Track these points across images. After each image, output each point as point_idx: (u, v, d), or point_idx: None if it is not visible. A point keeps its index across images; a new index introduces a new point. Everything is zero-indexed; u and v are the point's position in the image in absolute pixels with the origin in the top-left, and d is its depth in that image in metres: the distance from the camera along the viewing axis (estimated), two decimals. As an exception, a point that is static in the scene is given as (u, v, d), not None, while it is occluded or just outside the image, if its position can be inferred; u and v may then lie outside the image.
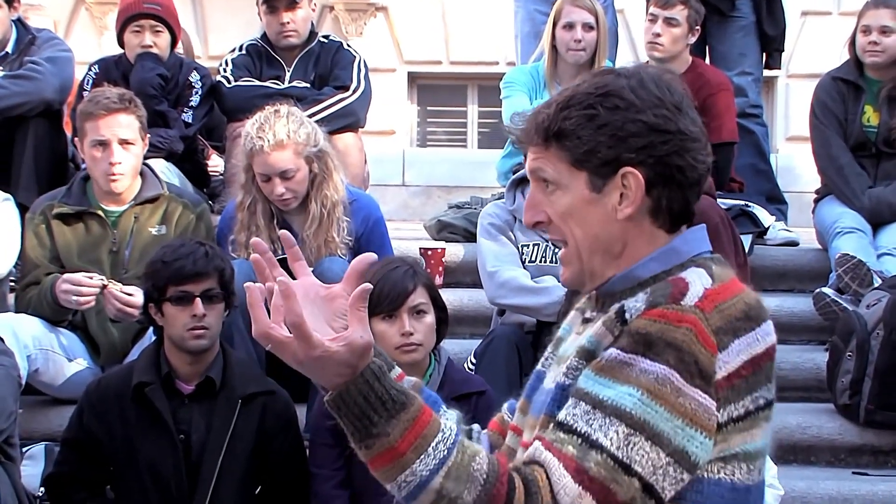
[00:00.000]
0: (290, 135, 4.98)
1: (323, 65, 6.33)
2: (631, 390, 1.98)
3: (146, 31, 6.19)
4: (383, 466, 1.98)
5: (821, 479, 5.11)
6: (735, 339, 2.02)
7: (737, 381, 2.01)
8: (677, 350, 1.98)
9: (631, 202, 2.10)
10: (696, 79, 6.36)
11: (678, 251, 2.13)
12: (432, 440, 1.97)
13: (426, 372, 4.22)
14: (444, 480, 1.95)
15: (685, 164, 2.11)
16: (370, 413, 1.96)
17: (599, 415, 1.98)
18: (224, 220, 5.31)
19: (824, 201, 6.38)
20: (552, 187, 2.14)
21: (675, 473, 1.98)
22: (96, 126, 5.09)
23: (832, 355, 5.43)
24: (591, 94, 2.10)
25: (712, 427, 1.99)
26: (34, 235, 5.18)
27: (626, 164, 2.09)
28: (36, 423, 5.09)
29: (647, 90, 2.11)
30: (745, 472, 2.05)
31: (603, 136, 2.08)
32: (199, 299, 4.31)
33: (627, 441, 1.96)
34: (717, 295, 2.05)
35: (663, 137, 2.09)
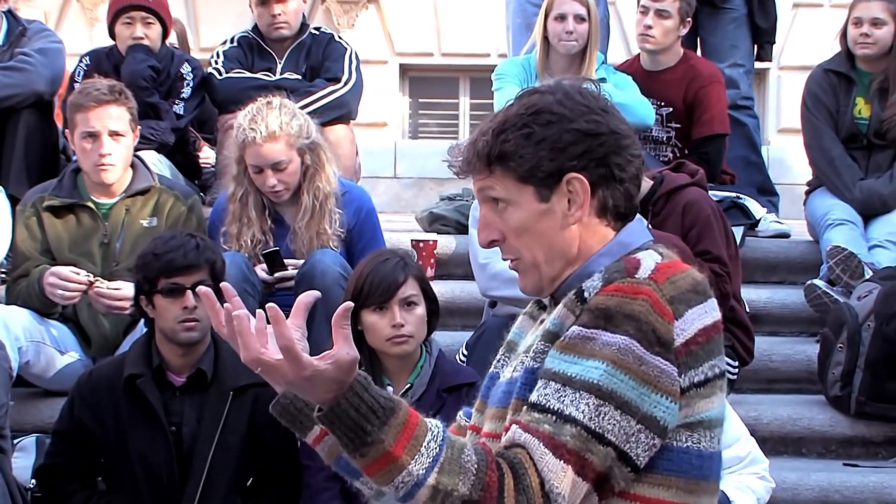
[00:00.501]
0: (283, 126, 4.98)
1: (314, 57, 6.32)
2: (596, 363, 2.08)
3: (137, 22, 6.18)
4: (380, 471, 2.05)
5: (812, 471, 5.12)
6: (689, 308, 2.13)
7: (694, 347, 2.12)
8: (635, 321, 2.09)
9: (579, 205, 2.22)
10: (687, 71, 6.37)
11: (624, 243, 2.25)
12: (423, 440, 2.05)
13: (417, 364, 4.22)
14: (439, 476, 2.03)
15: (622, 161, 2.23)
16: (363, 423, 2.03)
17: (569, 391, 2.08)
18: (216, 212, 5.31)
19: (815, 193, 6.39)
20: (503, 205, 2.25)
21: (647, 439, 2.08)
22: (86, 118, 5.08)
23: (823, 347, 5.44)
24: (522, 115, 2.23)
25: (676, 391, 2.10)
26: (25, 228, 5.17)
27: (569, 171, 2.21)
28: (27, 415, 5.09)
29: (574, 100, 2.23)
30: (709, 439, 2.16)
31: (543, 151, 2.21)
32: (189, 291, 4.30)
33: (598, 412, 2.06)
34: (668, 268, 2.17)
35: (599, 140, 2.21)
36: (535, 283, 2.28)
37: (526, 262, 2.27)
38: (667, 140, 6.43)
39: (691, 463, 2.14)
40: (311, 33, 6.39)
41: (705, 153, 6.30)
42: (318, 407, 2.07)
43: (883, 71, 6.26)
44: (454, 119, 11.25)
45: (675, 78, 6.35)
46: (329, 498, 4.24)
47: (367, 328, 4.13)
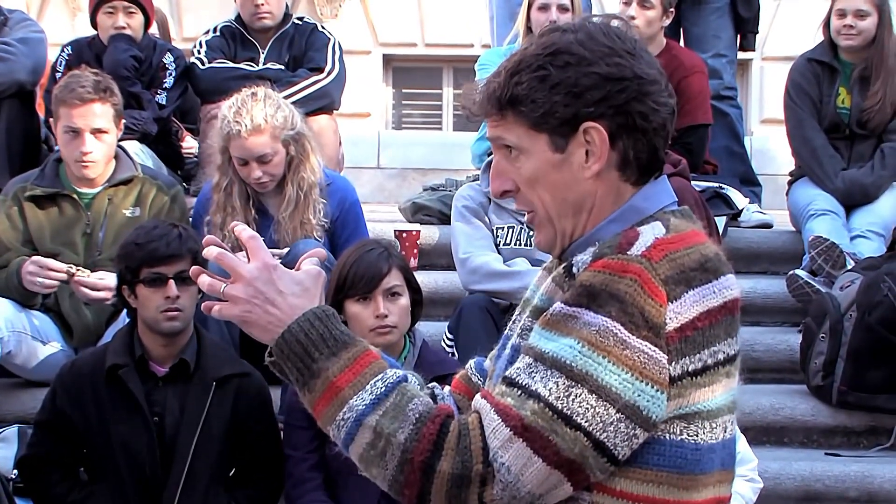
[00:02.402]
0: (268, 119, 4.97)
1: (297, 47, 6.31)
2: (571, 342, 1.93)
3: (119, 12, 6.16)
4: (326, 407, 1.98)
5: (794, 460, 5.14)
6: (689, 289, 1.96)
7: (691, 332, 1.95)
8: (620, 301, 1.92)
9: (597, 158, 2.05)
10: (670, 61, 6.36)
11: (638, 209, 2.08)
12: (371, 378, 1.98)
13: (401, 354, 4.22)
14: (381, 418, 1.95)
15: (647, 109, 2.05)
16: (311, 350, 1.98)
17: (541, 367, 1.94)
18: (200, 202, 5.30)
19: (798, 183, 6.40)
20: (515, 153, 2.09)
21: (628, 429, 1.92)
22: (70, 114, 5.06)
23: (805, 337, 5.46)
24: (539, 56, 2.05)
25: (664, 380, 1.93)
26: (6, 218, 5.16)
27: (586, 119, 2.03)
28: (9, 405, 5.08)
29: (596, 41, 2.05)
30: (708, 430, 2.01)
31: (558, 96, 2.03)
32: (172, 281, 4.30)
33: (568, 392, 1.91)
34: (669, 244, 1.99)
35: (620, 85, 2.03)
36: (549, 238, 2.12)
37: (540, 215, 2.11)
38: (650, 130, 6.43)
39: (685, 457, 1.99)
40: (294, 23, 6.38)
41: (688, 143, 6.30)
42: None
43: (864, 60, 6.27)
44: (438, 109, 11.24)
45: (658, 68, 6.35)
46: (312, 488, 4.24)
47: (350, 318, 4.13)
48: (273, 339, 2.01)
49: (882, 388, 5.27)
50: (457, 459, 1.92)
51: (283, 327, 2.00)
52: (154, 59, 6.26)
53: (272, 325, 2.02)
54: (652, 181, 2.11)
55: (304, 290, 2.03)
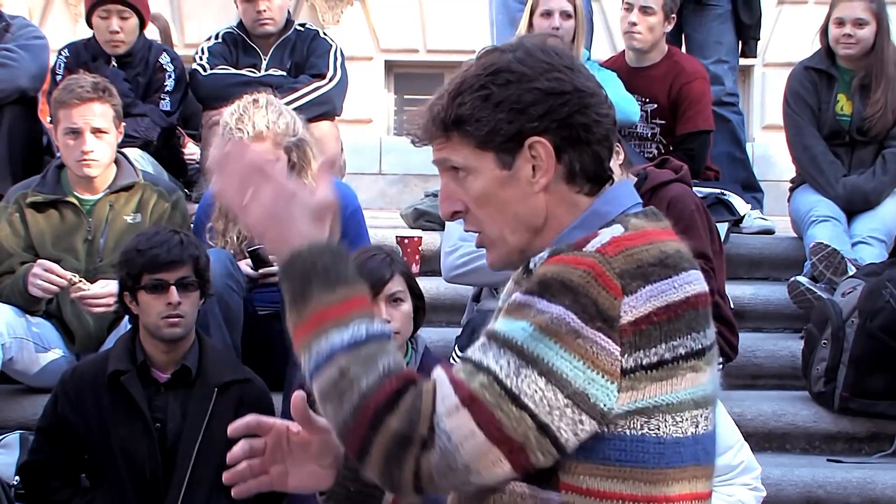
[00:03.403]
0: (270, 126, 4.96)
1: (299, 53, 6.31)
2: (524, 324, 1.95)
3: (113, 16, 6.16)
4: (306, 334, 1.98)
5: (795, 467, 5.14)
6: (646, 284, 1.97)
7: (647, 326, 1.96)
8: (573, 292, 1.94)
9: (544, 171, 2.08)
10: (671, 67, 6.38)
11: (600, 213, 2.10)
12: (356, 320, 1.98)
13: (403, 360, 4.22)
14: (351, 359, 1.95)
15: (589, 121, 2.08)
16: (312, 277, 1.99)
17: (493, 345, 1.96)
18: (202, 208, 5.30)
19: (799, 190, 6.40)
20: (463, 174, 2.11)
21: (574, 415, 1.93)
22: (69, 114, 5.07)
23: (807, 343, 5.46)
24: (480, 76, 2.08)
25: (615, 371, 1.94)
26: (8, 224, 5.16)
27: (531, 134, 2.06)
28: (11, 411, 5.08)
29: (535, 58, 2.08)
30: (672, 423, 2.00)
31: (501, 113, 2.06)
32: (173, 287, 4.30)
33: (518, 372, 1.92)
34: (626, 240, 2.01)
35: (562, 99, 2.06)
36: (501, 256, 2.14)
37: (490, 234, 2.13)
38: (651, 136, 6.44)
39: (648, 451, 1.98)
40: (295, 29, 6.38)
41: (690, 149, 6.31)
42: None
43: (864, 68, 6.28)
44: (439, 115, 11.23)
45: (660, 74, 6.36)
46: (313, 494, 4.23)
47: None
48: (282, 258, 2.03)
49: (884, 394, 5.27)
50: (405, 418, 1.93)
51: (293, 251, 2.02)
52: (150, 59, 6.27)
53: (283, 245, 2.03)
54: (613, 186, 2.14)
55: (317, 218, 2.04)
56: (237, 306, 4.90)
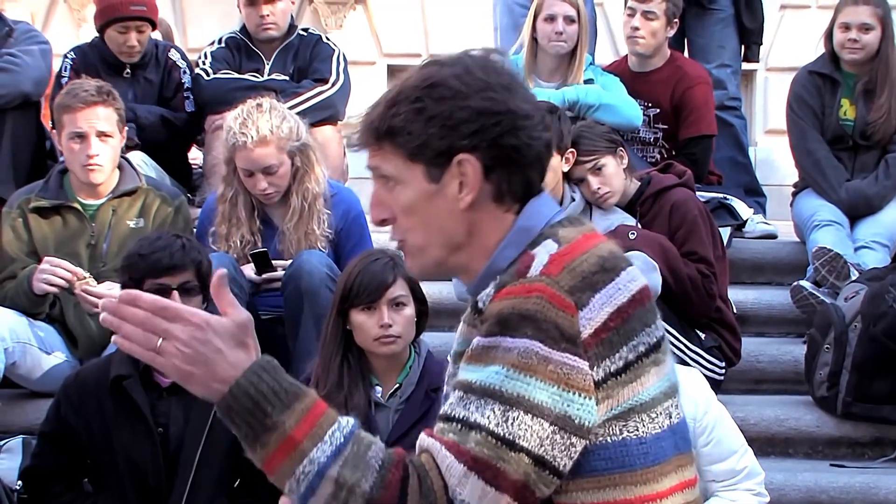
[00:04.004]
0: (273, 130, 4.97)
1: (302, 58, 6.31)
2: (497, 368, 1.96)
3: (132, 31, 6.14)
4: (281, 462, 1.94)
5: (798, 472, 5.13)
6: (595, 293, 2.00)
7: (606, 334, 1.99)
8: (533, 320, 1.96)
9: (470, 189, 2.09)
10: (674, 72, 6.37)
11: (525, 228, 2.11)
12: (328, 428, 1.95)
13: (406, 364, 4.22)
14: (342, 469, 1.93)
15: (520, 144, 2.09)
16: (264, 405, 1.93)
17: (473, 397, 1.97)
18: (205, 213, 5.31)
19: (802, 194, 6.40)
20: (392, 183, 2.13)
21: (563, 440, 1.96)
22: (74, 119, 5.07)
23: (810, 348, 5.45)
24: (417, 88, 2.10)
25: (589, 386, 1.97)
26: (11, 230, 5.17)
27: (461, 151, 2.08)
28: (13, 416, 5.08)
29: (473, 75, 2.09)
30: (649, 421, 2.04)
31: (433, 128, 2.08)
32: (176, 292, 4.30)
33: (505, 417, 1.94)
34: (564, 256, 2.03)
35: (493, 119, 2.07)
36: (419, 265, 2.17)
37: (411, 243, 2.15)
38: (654, 141, 6.44)
39: (632, 454, 2.02)
40: (298, 34, 6.39)
41: (692, 154, 6.31)
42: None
43: (868, 73, 6.28)
44: (442, 120, 11.24)
45: (663, 79, 6.36)
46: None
47: (355, 328, 4.12)
48: (219, 395, 1.95)
49: (887, 398, 5.26)
50: (422, 502, 1.94)
51: (229, 384, 1.95)
52: (160, 57, 6.28)
53: (215, 384, 1.96)
54: (531, 201, 2.14)
55: (239, 342, 1.97)
56: (240, 310, 4.88)
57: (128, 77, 6.21)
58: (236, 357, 1.96)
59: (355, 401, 4.07)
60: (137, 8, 6.14)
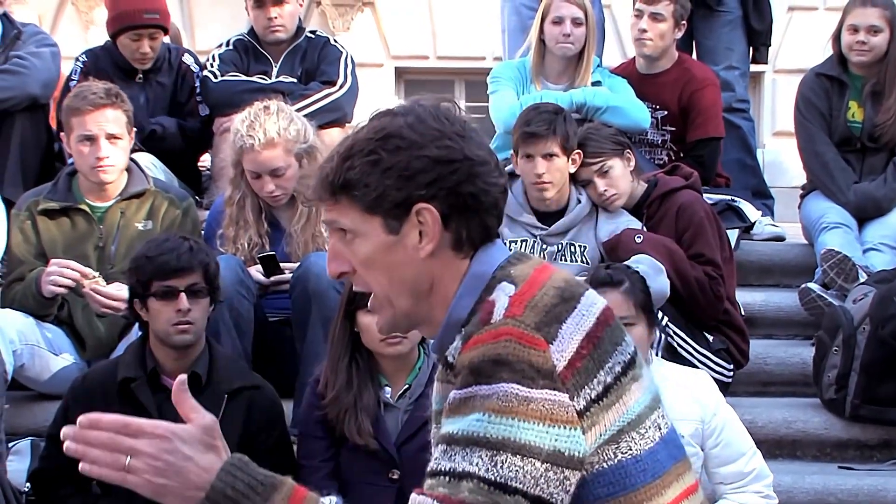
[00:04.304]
0: (281, 132, 4.97)
1: (310, 60, 6.31)
2: (478, 416, 1.94)
3: (144, 38, 6.15)
4: None
5: (807, 474, 5.12)
6: (561, 324, 2.00)
7: (580, 363, 1.98)
8: (506, 364, 1.95)
9: (430, 238, 2.09)
10: (682, 74, 6.37)
11: (478, 274, 2.11)
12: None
13: (415, 365, 4.22)
14: None
15: (477, 190, 2.09)
16: (243, 502, 1.93)
17: (458, 448, 1.95)
18: (213, 215, 5.31)
19: (810, 196, 6.39)
20: (350, 236, 2.12)
21: (557, 476, 1.94)
22: (83, 121, 5.08)
23: (818, 350, 5.44)
24: (371, 140, 2.09)
25: (573, 418, 1.95)
26: (19, 232, 5.17)
27: (419, 201, 2.07)
28: (21, 418, 5.08)
29: (426, 124, 2.09)
30: (640, 438, 2.03)
31: (390, 179, 2.07)
32: (183, 294, 4.30)
33: (494, 462, 1.92)
34: (523, 295, 2.03)
35: (450, 167, 2.07)
36: (388, 318, 2.16)
37: (378, 297, 2.14)
38: (662, 143, 6.43)
39: (631, 473, 2.01)
40: (306, 37, 6.39)
41: (700, 156, 6.30)
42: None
43: (876, 75, 6.27)
44: (449, 122, 11.24)
45: (670, 81, 6.36)
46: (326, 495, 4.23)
47: (362, 329, 4.13)
48: (196, 500, 1.95)
49: (895, 401, 5.26)
50: None
51: (204, 490, 1.94)
52: (173, 62, 6.28)
53: (190, 492, 1.95)
54: (482, 248, 2.14)
55: (207, 446, 1.97)
56: (247, 313, 4.90)
57: (140, 82, 6.22)
58: (207, 461, 1.95)
59: (364, 401, 4.08)
60: (150, 16, 6.13)
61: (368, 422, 4.08)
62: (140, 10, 6.10)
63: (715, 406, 4.27)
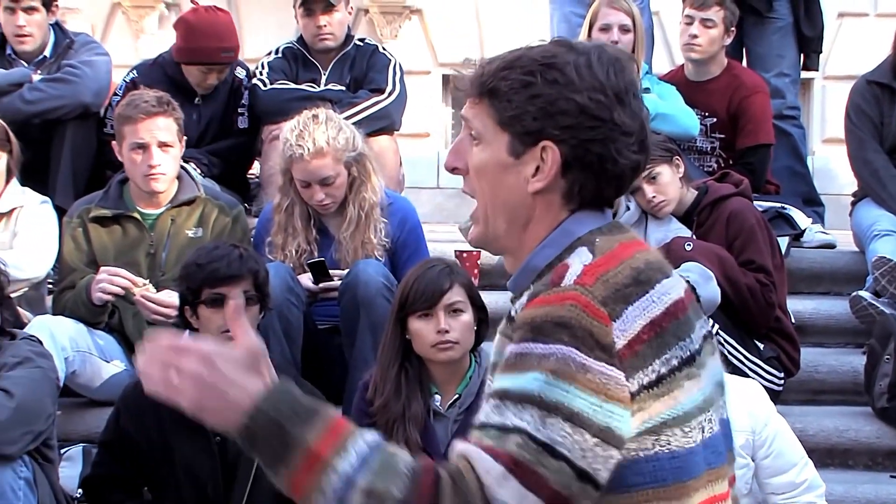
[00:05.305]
0: (330, 142, 4.99)
1: (358, 68, 6.32)
2: (536, 374, 1.92)
3: (214, 72, 6.15)
4: (308, 479, 1.91)
5: (859, 483, 5.09)
6: (628, 305, 1.97)
7: (639, 347, 1.96)
8: (567, 327, 1.93)
9: (543, 177, 2.08)
10: (731, 81, 6.35)
11: (568, 231, 2.10)
12: (350, 440, 1.92)
13: (466, 374, 4.21)
14: (371, 477, 1.89)
15: (607, 155, 2.07)
16: (284, 424, 1.91)
17: (510, 404, 1.92)
18: (261, 223, 5.33)
19: (861, 204, 6.35)
20: (476, 140, 2.13)
21: (605, 453, 1.92)
22: (136, 129, 5.11)
23: (870, 358, 5.41)
24: (535, 61, 2.08)
25: (626, 398, 1.93)
26: (71, 239, 5.21)
27: (549, 138, 2.06)
28: (73, 424, 5.12)
29: (592, 71, 2.07)
30: (682, 436, 1.99)
31: (532, 106, 2.07)
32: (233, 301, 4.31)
33: (543, 422, 1.89)
34: (598, 267, 2.00)
35: (592, 122, 2.05)
36: (480, 234, 2.17)
37: (479, 208, 2.16)
38: (711, 150, 6.41)
39: (664, 468, 1.97)
40: (355, 44, 6.40)
41: (750, 163, 6.28)
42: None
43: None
44: (497, 129, 11.23)
45: (719, 88, 6.34)
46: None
47: (413, 335, 4.13)
48: (238, 423, 1.94)
49: (947, 410, 5.22)
50: (457, 501, 1.89)
51: (246, 410, 1.93)
52: (228, 77, 6.27)
53: (230, 412, 1.94)
54: (589, 209, 2.13)
55: (251, 369, 1.97)
56: (297, 320, 4.91)
57: (198, 104, 6.21)
58: (249, 384, 1.95)
59: (413, 410, 4.07)
60: (227, 55, 6.14)
61: (417, 433, 4.06)
62: (218, 49, 6.09)
63: (766, 416, 4.24)
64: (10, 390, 4.22)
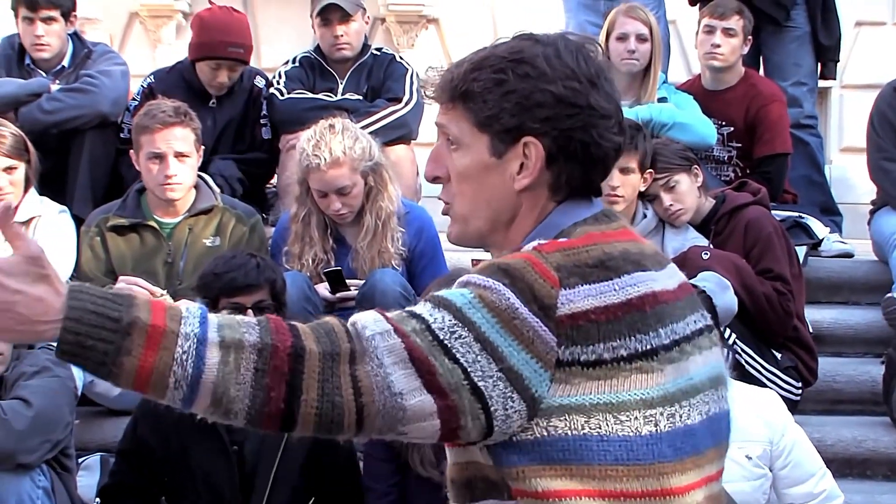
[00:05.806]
0: (346, 151, 4.99)
1: (375, 77, 6.33)
2: (465, 291, 1.93)
3: (224, 69, 6.16)
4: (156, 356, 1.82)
5: (877, 493, 5.08)
6: (584, 283, 1.94)
7: (584, 322, 1.92)
8: (510, 275, 1.92)
9: (529, 173, 2.06)
10: (748, 90, 6.34)
11: (553, 224, 2.08)
12: (181, 308, 1.87)
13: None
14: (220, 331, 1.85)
15: (590, 140, 2.05)
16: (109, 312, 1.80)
17: (429, 303, 1.93)
18: (278, 232, 5.34)
19: (881, 212, 6.33)
20: (455, 145, 2.11)
21: (506, 389, 1.88)
22: (152, 139, 5.13)
23: (888, 368, 5.39)
24: (504, 59, 2.06)
25: (550, 361, 1.90)
26: (89, 248, 5.23)
27: (529, 133, 2.04)
28: (91, 433, 5.12)
29: (562, 60, 2.05)
30: (615, 423, 1.93)
31: (508, 103, 2.04)
32: (250, 311, 4.32)
33: (452, 330, 1.88)
34: (563, 243, 1.99)
35: (570, 111, 2.04)
36: (458, 232, 2.15)
37: (457, 210, 2.13)
38: (728, 159, 6.40)
39: (592, 449, 1.91)
40: (372, 54, 6.40)
41: (767, 172, 6.27)
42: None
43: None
44: (513, 138, 11.23)
45: (737, 97, 6.33)
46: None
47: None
48: (52, 331, 1.80)
49: (967, 420, 5.20)
50: (324, 340, 1.87)
51: (48, 319, 1.79)
52: (246, 85, 6.28)
53: (26, 325, 1.80)
54: (576, 199, 2.10)
55: (38, 276, 1.81)
56: (314, 330, 4.90)
57: (213, 107, 6.22)
58: (39, 291, 1.80)
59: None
60: (235, 50, 6.14)
61: (431, 452, 4.05)
62: (226, 43, 6.10)
63: (783, 426, 4.23)
64: (28, 399, 4.24)
